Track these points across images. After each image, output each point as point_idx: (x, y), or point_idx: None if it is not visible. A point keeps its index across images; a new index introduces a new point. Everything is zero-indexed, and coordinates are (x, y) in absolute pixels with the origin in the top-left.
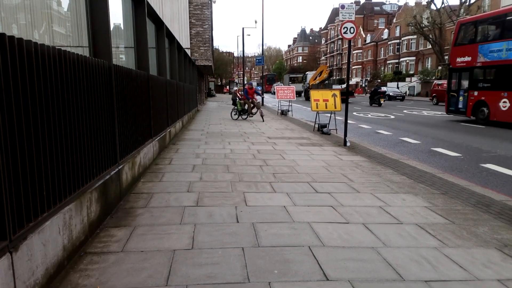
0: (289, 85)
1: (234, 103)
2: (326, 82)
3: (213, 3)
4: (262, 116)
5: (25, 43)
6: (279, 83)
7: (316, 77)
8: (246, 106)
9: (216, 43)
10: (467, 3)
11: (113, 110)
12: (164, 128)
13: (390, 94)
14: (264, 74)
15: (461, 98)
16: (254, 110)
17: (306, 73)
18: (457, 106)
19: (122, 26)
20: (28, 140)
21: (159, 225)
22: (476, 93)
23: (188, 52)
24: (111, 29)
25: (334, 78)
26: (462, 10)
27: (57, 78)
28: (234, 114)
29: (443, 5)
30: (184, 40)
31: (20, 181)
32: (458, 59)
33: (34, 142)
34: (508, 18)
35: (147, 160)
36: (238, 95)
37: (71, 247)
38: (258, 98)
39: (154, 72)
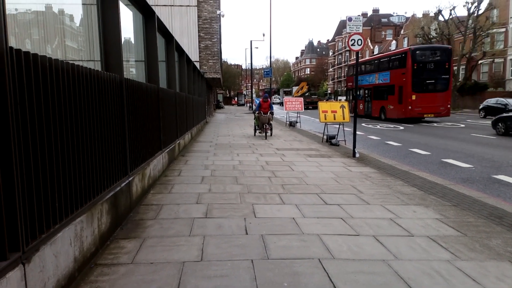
0: (283, 97)
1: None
2: (306, 94)
3: (221, 17)
4: (266, 133)
5: (40, 58)
6: (276, 95)
7: (299, 91)
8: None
9: (225, 56)
10: (475, 14)
11: (124, 122)
12: (173, 140)
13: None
14: (262, 88)
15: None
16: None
17: (292, 87)
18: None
19: (132, 40)
20: (41, 152)
21: (169, 236)
22: (361, 101)
23: (197, 65)
24: (122, 43)
25: (343, 89)
26: (470, 21)
27: (71, 92)
28: (254, 130)
29: (451, 16)
30: (193, 53)
31: (33, 193)
32: (348, 83)
33: (47, 154)
34: (364, 64)
35: (156, 171)
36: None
37: (82, 258)
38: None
39: (164, 85)
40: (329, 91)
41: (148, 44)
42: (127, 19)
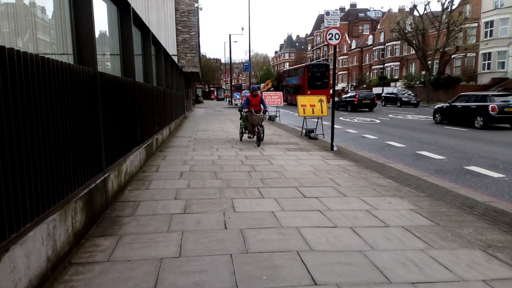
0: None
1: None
2: (271, 89)
3: (199, 10)
4: (258, 138)
5: (7, 50)
6: (246, 90)
7: (265, 87)
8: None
9: (203, 50)
10: (449, 9)
11: (99, 117)
12: (151, 135)
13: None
14: (234, 84)
15: (284, 96)
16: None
17: (260, 84)
18: (285, 100)
19: (107, 33)
20: (10, 149)
21: (146, 233)
22: (288, 94)
23: (175, 59)
24: (97, 36)
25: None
26: (444, 16)
27: (41, 86)
28: (241, 133)
29: (425, 12)
30: (170, 47)
31: (2, 191)
32: (283, 83)
33: (16, 151)
34: (290, 71)
35: (133, 167)
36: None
37: (55, 258)
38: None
39: (141, 79)
40: None
41: (124, 37)
42: (102, 11)
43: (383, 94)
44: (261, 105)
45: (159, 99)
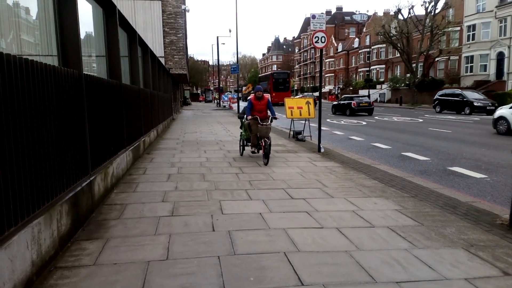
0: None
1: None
2: (252, 92)
3: (187, 12)
4: (265, 153)
5: None
6: (229, 92)
7: (246, 90)
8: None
9: (191, 52)
10: (432, 13)
11: (84, 120)
12: (138, 137)
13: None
14: (217, 86)
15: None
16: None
17: (243, 87)
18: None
19: (93, 34)
20: None
21: (133, 236)
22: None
23: (162, 60)
24: (82, 38)
25: (309, 86)
26: (427, 20)
27: (24, 89)
28: (241, 146)
29: (409, 15)
30: (158, 48)
31: None
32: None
33: None
34: (262, 77)
35: (120, 170)
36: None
37: (41, 262)
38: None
39: (127, 81)
40: (295, 88)
41: (110, 39)
42: (87, 12)
43: (437, 96)
44: (268, 111)
45: (146, 101)
